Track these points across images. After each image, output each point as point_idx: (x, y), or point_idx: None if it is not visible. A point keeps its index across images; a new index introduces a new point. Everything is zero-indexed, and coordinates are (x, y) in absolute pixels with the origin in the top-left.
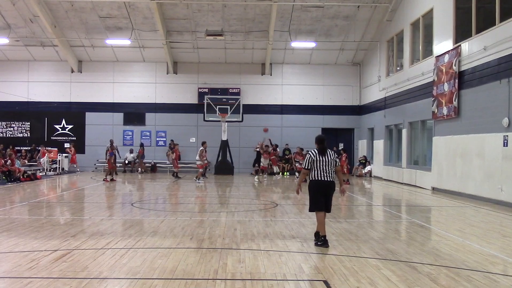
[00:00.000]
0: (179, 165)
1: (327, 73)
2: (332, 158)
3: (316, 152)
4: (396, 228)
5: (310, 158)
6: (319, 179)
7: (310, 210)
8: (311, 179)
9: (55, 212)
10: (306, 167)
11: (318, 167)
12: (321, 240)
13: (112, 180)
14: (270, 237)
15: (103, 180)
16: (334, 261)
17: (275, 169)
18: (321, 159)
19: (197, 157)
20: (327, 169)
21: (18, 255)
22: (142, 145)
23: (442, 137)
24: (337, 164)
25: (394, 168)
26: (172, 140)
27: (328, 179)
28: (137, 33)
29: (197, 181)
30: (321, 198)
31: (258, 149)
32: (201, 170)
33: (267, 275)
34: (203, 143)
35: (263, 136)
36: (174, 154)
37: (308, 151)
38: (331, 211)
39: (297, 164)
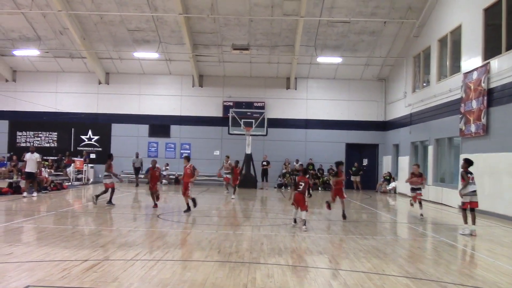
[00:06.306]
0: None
1: (352, 88)
2: None
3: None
4: (424, 246)
5: None
6: None
7: None
8: None
9: (83, 222)
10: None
11: None
12: None
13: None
14: (298, 252)
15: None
16: (364, 279)
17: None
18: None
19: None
20: None
21: (50, 264)
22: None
23: (470, 154)
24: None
25: None
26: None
27: None
28: (164, 46)
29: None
30: None
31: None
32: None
33: None
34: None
35: (286, 151)
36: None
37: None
38: None
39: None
